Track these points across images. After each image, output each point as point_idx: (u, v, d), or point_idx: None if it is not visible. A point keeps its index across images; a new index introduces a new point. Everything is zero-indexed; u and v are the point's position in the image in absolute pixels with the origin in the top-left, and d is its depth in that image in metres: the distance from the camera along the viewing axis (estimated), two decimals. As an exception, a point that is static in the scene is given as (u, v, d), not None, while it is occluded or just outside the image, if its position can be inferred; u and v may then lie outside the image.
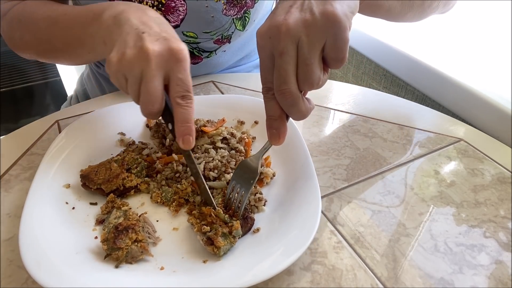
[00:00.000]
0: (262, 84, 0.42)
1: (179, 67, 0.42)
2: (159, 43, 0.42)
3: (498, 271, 0.42)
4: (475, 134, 0.65)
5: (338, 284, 0.41)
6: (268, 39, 0.39)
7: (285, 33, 0.37)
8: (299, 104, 0.40)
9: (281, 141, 0.43)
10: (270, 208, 0.48)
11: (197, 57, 0.75)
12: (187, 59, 0.43)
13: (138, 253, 0.41)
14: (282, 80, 0.38)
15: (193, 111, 0.43)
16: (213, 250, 0.41)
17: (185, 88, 0.42)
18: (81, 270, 0.39)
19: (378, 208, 0.50)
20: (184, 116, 0.42)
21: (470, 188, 0.53)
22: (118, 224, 0.42)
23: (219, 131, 0.56)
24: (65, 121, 0.66)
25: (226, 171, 0.51)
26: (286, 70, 0.38)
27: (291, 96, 0.39)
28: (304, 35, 0.37)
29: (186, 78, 0.42)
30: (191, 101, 0.42)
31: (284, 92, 0.39)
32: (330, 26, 0.37)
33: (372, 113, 0.69)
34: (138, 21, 0.45)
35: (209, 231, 0.42)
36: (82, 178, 0.49)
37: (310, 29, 0.37)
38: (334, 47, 0.38)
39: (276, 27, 0.38)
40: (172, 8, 0.64)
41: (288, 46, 0.37)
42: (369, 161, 0.58)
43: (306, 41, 0.37)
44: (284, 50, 0.38)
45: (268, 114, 0.42)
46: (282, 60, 0.38)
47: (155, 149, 0.56)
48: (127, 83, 0.43)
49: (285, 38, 0.37)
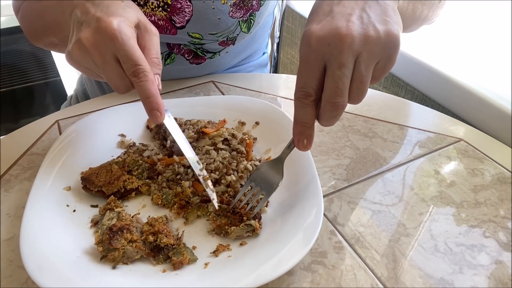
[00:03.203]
0: (298, 88, 0.39)
1: (116, 44, 0.42)
2: (90, 28, 0.43)
3: (498, 271, 0.42)
4: (475, 134, 0.65)
5: (338, 284, 0.41)
6: (327, 45, 0.36)
7: (349, 45, 0.36)
8: (340, 116, 0.39)
9: (309, 148, 0.42)
10: (272, 209, 0.48)
11: (201, 58, 0.75)
12: (120, 31, 0.42)
13: (133, 253, 0.41)
14: (340, 93, 0.37)
15: (151, 83, 0.43)
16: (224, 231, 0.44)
17: (131, 63, 0.42)
18: (82, 273, 0.39)
19: (378, 208, 0.50)
20: (142, 92, 0.43)
21: (470, 188, 0.53)
22: (112, 225, 0.42)
23: (220, 132, 0.56)
24: (65, 121, 0.66)
25: (227, 172, 0.51)
26: (344, 83, 0.37)
27: (342, 109, 0.38)
28: (366, 52, 0.36)
29: (127, 52, 0.42)
30: (143, 74, 0.42)
31: (338, 105, 0.38)
32: (390, 48, 0.37)
33: (372, 113, 0.69)
34: (80, 11, 0.45)
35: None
36: (83, 180, 0.49)
37: (372, 47, 0.36)
38: (382, 68, 0.38)
39: (339, 36, 0.36)
40: (178, 9, 0.64)
41: (349, 59, 0.36)
42: (369, 161, 0.58)
43: (366, 58, 0.36)
44: (345, 62, 0.36)
45: (301, 120, 0.40)
46: (342, 72, 0.36)
47: (156, 151, 0.56)
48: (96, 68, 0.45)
49: (348, 50, 0.36)
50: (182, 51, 0.73)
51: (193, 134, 0.56)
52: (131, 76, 0.43)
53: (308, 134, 0.41)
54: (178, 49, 0.72)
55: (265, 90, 0.75)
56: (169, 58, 0.73)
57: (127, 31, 0.43)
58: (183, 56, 0.74)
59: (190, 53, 0.73)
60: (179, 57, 0.74)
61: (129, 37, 0.43)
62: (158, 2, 0.63)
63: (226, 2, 0.65)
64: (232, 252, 0.43)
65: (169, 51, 0.72)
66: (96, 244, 0.41)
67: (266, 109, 0.62)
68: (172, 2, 0.64)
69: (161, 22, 0.65)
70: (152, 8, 0.64)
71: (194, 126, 0.58)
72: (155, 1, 0.63)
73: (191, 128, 0.57)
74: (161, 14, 0.64)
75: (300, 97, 0.39)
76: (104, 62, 0.43)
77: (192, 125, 0.58)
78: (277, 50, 1.50)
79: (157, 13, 0.64)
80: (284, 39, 1.51)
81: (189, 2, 0.64)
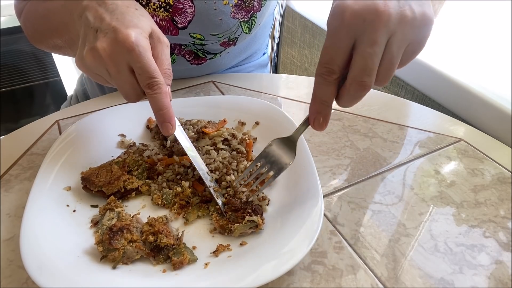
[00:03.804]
0: (322, 63, 0.37)
1: (133, 56, 0.42)
2: (107, 38, 0.43)
3: (498, 271, 0.42)
4: (475, 134, 0.65)
5: (338, 284, 0.41)
6: (362, 21, 0.34)
7: (385, 23, 0.34)
8: (362, 98, 0.37)
9: (325, 127, 0.40)
10: (272, 209, 0.48)
11: (202, 59, 0.75)
12: (137, 45, 0.42)
13: (133, 253, 0.41)
14: (368, 72, 0.35)
15: (165, 96, 0.43)
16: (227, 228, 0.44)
17: (147, 76, 0.43)
18: (82, 273, 0.39)
19: (378, 208, 0.50)
20: (155, 104, 0.43)
21: (470, 188, 0.53)
22: (112, 225, 0.42)
23: (220, 132, 0.56)
24: (65, 121, 0.66)
25: (227, 172, 0.51)
26: (374, 63, 0.35)
27: (367, 90, 0.36)
28: (400, 32, 0.35)
29: (144, 65, 0.43)
30: (158, 86, 0.43)
31: (365, 85, 0.36)
32: (423, 30, 0.36)
33: (372, 113, 0.69)
34: (93, 16, 0.45)
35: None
36: (83, 180, 0.49)
37: (406, 28, 0.35)
38: (412, 52, 0.37)
39: (376, 12, 0.34)
40: (180, 10, 0.64)
41: (383, 37, 0.35)
42: (369, 161, 0.58)
43: (399, 39, 0.35)
44: (378, 40, 0.34)
45: (321, 98, 0.38)
46: (373, 50, 0.35)
47: (156, 151, 0.56)
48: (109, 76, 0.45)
49: (383, 28, 0.34)
50: (183, 52, 0.73)
51: (193, 134, 0.56)
52: (145, 88, 0.43)
53: (325, 113, 0.39)
54: (179, 50, 0.72)
55: (265, 90, 0.75)
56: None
57: (144, 44, 0.43)
58: (184, 57, 0.74)
59: (191, 54, 0.73)
60: (179, 58, 0.74)
61: (145, 50, 0.43)
62: (160, 2, 0.63)
63: (227, 3, 0.65)
64: (232, 252, 0.43)
65: (170, 52, 0.72)
66: (96, 244, 0.41)
67: (266, 109, 0.62)
68: (174, 2, 0.64)
69: (163, 23, 0.65)
70: (154, 8, 0.64)
71: (194, 126, 0.58)
72: (157, 2, 0.63)
73: (191, 128, 0.57)
74: (163, 14, 0.65)
75: (323, 73, 0.37)
76: (118, 72, 0.43)
77: (192, 125, 0.58)
78: (277, 50, 1.50)
79: (159, 13, 0.64)
80: (284, 39, 1.51)
81: (191, 2, 0.64)
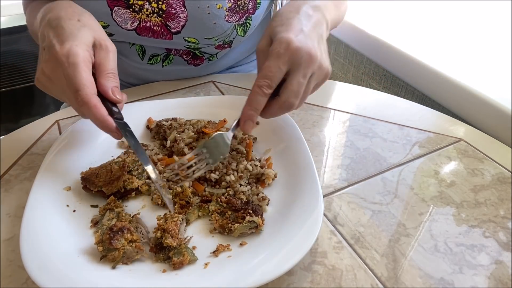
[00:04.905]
0: (264, 77, 0.45)
1: (63, 69, 0.43)
2: (47, 55, 0.45)
3: (498, 271, 0.42)
4: (475, 134, 0.65)
5: (338, 284, 0.41)
6: (300, 57, 0.45)
7: (313, 64, 0.46)
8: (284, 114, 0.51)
9: (251, 131, 0.49)
10: (272, 209, 0.48)
11: (199, 58, 0.75)
12: (68, 57, 0.43)
13: (133, 254, 0.41)
14: (298, 95, 0.47)
15: (95, 108, 0.43)
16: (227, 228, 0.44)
17: (72, 89, 0.43)
18: (82, 273, 0.39)
19: (378, 208, 0.50)
20: (89, 118, 0.44)
21: (470, 188, 0.53)
22: (113, 225, 0.42)
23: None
24: (65, 121, 0.66)
25: (227, 172, 0.51)
26: (302, 89, 0.47)
27: (293, 109, 0.48)
28: (317, 73, 0.48)
29: (70, 77, 0.43)
30: (82, 101, 0.43)
31: (293, 105, 0.47)
32: (325, 76, 0.50)
33: (372, 113, 0.69)
34: (41, 35, 0.48)
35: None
36: (83, 180, 0.49)
37: (321, 71, 0.48)
38: (316, 87, 0.50)
39: (311, 55, 0.46)
40: (173, 15, 0.64)
41: (310, 74, 0.47)
42: (369, 161, 0.58)
43: (315, 77, 0.48)
44: (307, 75, 0.46)
45: (255, 106, 0.46)
46: (304, 81, 0.46)
47: (156, 151, 0.56)
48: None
49: (312, 67, 0.46)
50: (180, 52, 0.73)
51: (193, 134, 0.56)
52: (76, 104, 0.44)
53: (255, 118, 0.47)
54: (176, 50, 0.73)
55: (265, 90, 0.75)
56: (167, 60, 0.74)
57: (77, 55, 0.44)
58: (181, 57, 0.74)
59: (188, 53, 0.73)
60: (177, 58, 0.74)
61: (76, 62, 0.43)
62: (153, 8, 0.64)
63: (221, 6, 0.64)
64: (232, 252, 0.43)
65: (167, 52, 0.73)
66: (96, 244, 0.41)
67: (266, 109, 0.62)
68: (166, 8, 0.64)
69: (156, 28, 0.65)
70: (147, 14, 0.64)
71: (194, 126, 0.58)
72: (150, 7, 0.63)
73: (191, 128, 0.57)
74: (156, 20, 0.65)
75: (263, 86, 0.45)
76: (61, 88, 0.45)
77: (192, 125, 0.58)
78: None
79: (152, 19, 0.65)
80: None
81: (184, 7, 0.64)
